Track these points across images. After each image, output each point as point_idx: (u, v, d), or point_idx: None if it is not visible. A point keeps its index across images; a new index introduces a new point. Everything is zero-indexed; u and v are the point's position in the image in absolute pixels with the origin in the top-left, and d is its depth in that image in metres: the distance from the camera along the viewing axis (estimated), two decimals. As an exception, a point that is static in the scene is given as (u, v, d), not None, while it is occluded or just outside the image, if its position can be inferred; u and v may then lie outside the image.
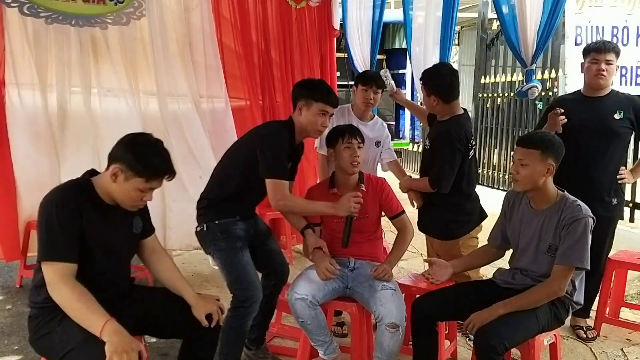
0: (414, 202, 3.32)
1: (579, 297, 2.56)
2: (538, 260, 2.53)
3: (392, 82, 4.10)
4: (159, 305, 2.31)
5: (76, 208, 2.07)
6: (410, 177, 3.56)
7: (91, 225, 2.10)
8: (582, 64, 3.34)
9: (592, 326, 3.46)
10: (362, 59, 5.19)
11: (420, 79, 3.26)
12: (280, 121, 2.95)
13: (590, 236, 2.45)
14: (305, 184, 4.64)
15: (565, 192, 2.60)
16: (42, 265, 2.04)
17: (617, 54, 3.26)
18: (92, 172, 2.23)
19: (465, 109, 3.23)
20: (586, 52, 3.32)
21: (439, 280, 2.79)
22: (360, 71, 5.20)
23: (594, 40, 4.33)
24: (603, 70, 3.20)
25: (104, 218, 2.16)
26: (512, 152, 6.55)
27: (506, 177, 7.25)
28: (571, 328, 3.46)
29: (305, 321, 2.65)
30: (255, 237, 2.86)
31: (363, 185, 2.89)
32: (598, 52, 3.23)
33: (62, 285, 2.00)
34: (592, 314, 3.53)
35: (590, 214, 2.48)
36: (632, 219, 5.43)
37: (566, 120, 3.18)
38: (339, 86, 5.66)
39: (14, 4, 3.69)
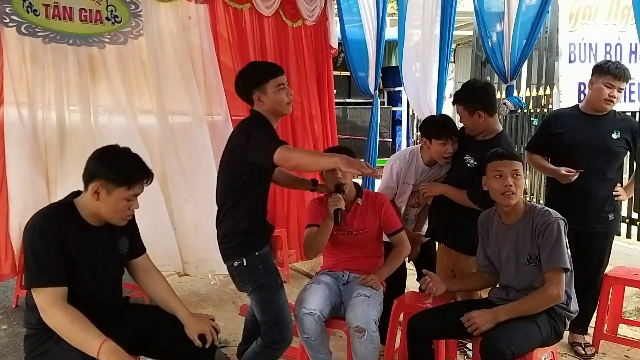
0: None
1: (575, 305, 2.57)
2: (520, 272, 2.55)
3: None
4: (153, 325, 2.30)
5: (60, 231, 2.06)
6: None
7: (76, 247, 2.09)
8: (591, 81, 3.25)
9: (590, 343, 3.44)
10: (370, 77, 5.21)
11: (458, 100, 3.05)
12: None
13: (565, 237, 2.46)
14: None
15: (532, 202, 2.63)
16: (32, 292, 2.03)
17: (628, 81, 3.23)
18: (77, 194, 2.21)
19: None
20: (603, 72, 3.18)
21: (435, 293, 2.71)
22: (370, 90, 5.15)
23: (589, 58, 4.36)
24: (614, 97, 3.17)
25: (88, 239, 2.15)
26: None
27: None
28: (569, 345, 3.45)
29: (311, 337, 2.64)
30: None
31: (360, 200, 2.93)
32: (616, 78, 3.14)
33: (54, 309, 1.99)
34: (590, 330, 3.51)
35: (560, 216, 2.50)
36: (628, 235, 5.43)
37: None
38: (336, 104, 5.67)
39: (12, 23, 3.70)
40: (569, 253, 2.53)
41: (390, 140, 8.96)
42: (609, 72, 3.17)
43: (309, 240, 2.90)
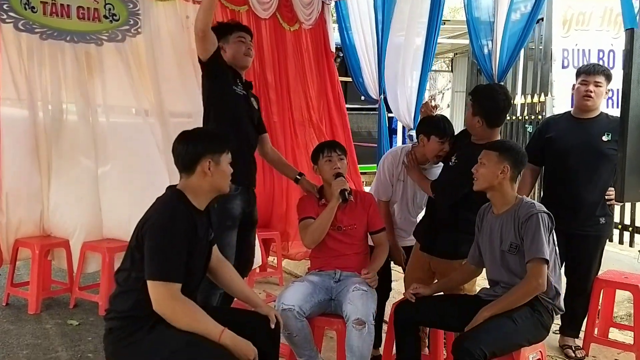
0: None
1: (561, 302, 2.58)
2: (503, 261, 2.58)
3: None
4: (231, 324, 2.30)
5: (191, 227, 2.15)
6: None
7: (196, 240, 2.19)
8: (573, 85, 3.41)
9: (581, 346, 3.45)
10: (371, 82, 5.23)
11: (470, 94, 3.04)
12: None
13: (545, 231, 2.47)
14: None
15: (524, 197, 2.67)
16: (150, 283, 2.07)
17: (608, 77, 3.31)
18: (171, 187, 2.28)
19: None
20: (577, 73, 3.40)
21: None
22: (372, 95, 5.18)
23: (583, 64, 4.41)
24: (591, 92, 3.26)
25: (199, 226, 2.22)
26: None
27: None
28: (560, 347, 3.46)
29: (292, 333, 2.63)
30: (244, 219, 3.01)
31: (352, 197, 2.93)
32: (588, 74, 3.31)
33: (174, 302, 2.08)
34: (582, 334, 3.52)
35: (545, 210, 2.53)
36: (621, 241, 5.44)
37: None
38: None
39: (9, 19, 3.73)
40: (557, 250, 2.56)
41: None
42: (581, 71, 3.38)
43: (310, 227, 2.90)
